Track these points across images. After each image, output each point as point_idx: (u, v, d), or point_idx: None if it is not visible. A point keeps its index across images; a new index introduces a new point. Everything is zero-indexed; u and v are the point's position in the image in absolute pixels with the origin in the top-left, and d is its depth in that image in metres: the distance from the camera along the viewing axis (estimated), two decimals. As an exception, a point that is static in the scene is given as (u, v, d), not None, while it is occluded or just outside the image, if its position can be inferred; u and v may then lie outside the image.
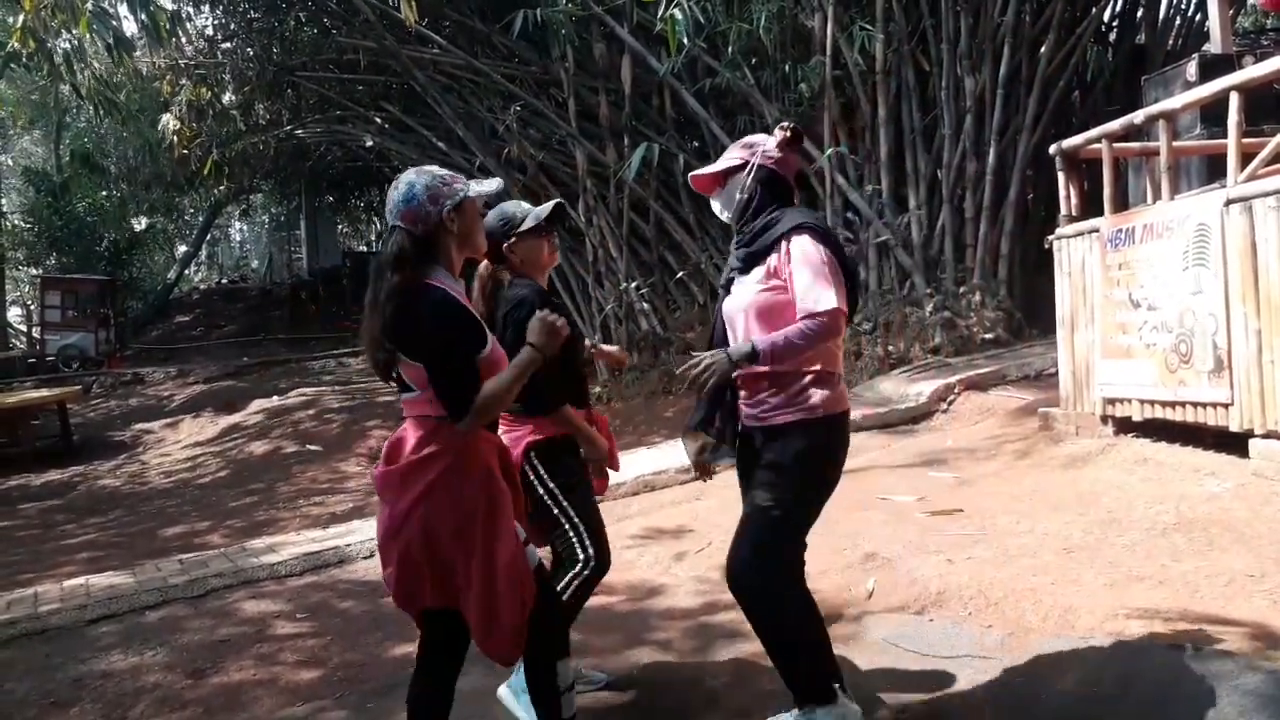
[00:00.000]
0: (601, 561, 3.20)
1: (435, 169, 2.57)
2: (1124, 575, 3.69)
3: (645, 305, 12.45)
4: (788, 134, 2.82)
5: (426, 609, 2.52)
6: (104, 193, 25.59)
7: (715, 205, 2.95)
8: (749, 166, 2.81)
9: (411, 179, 2.48)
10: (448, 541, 2.41)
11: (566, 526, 3.18)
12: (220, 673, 3.88)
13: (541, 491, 3.17)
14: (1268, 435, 4.68)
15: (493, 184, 2.65)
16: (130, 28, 13.33)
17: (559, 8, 10.75)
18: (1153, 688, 2.82)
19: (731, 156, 2.87)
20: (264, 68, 14.77)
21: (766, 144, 2.84)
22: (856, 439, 4.85)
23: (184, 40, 14.08)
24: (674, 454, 7.20)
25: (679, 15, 8.53)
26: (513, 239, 3.25)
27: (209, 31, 15.62)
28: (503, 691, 3.27)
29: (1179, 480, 4.88)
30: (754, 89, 10.72)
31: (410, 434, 2.47)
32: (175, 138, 14.68)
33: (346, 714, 3.42)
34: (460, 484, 2.42)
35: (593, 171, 12.56)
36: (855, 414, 5.04)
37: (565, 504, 3.18)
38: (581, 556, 3.16)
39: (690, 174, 3.05)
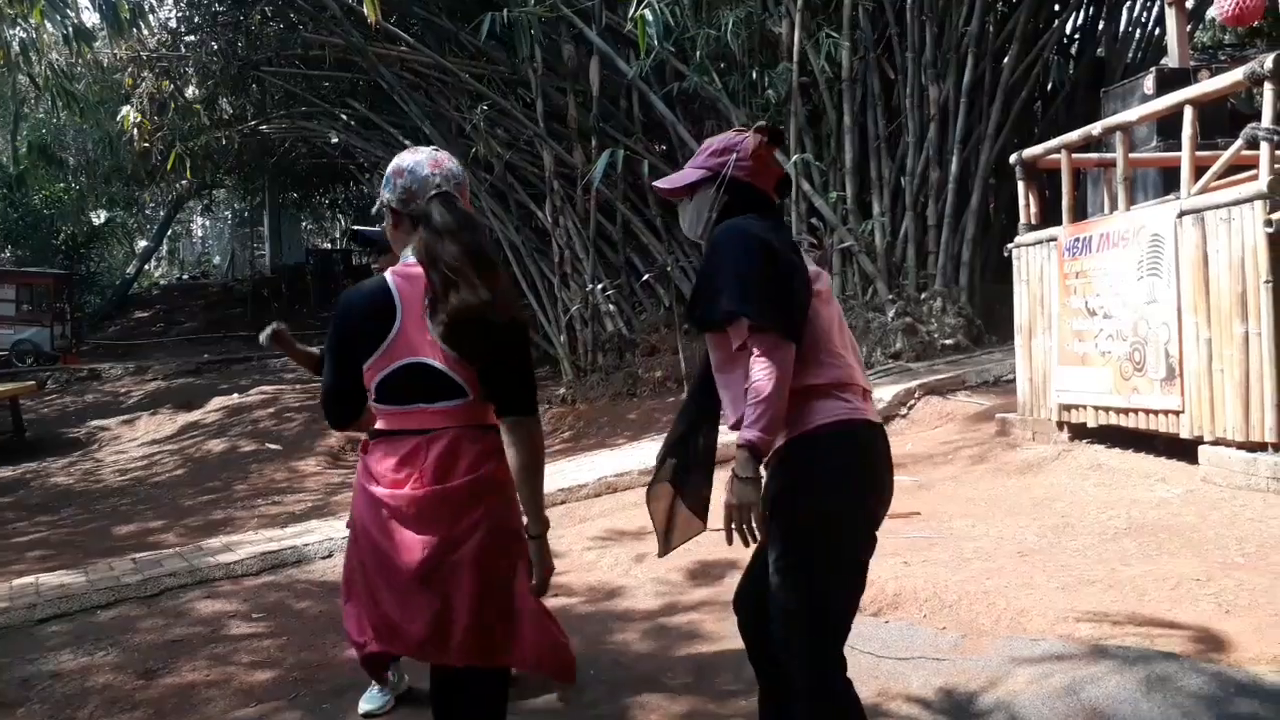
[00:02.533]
0: None
1: (426, 149, 2.41)
2: (1075, 579, 3.75)
3: (611, 307, 12.46)
4: (764, 137, 2.35)
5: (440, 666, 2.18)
6: (62, 185, 25.14)
7: (682, 220, 2.50)
8: (719, 179, 2.34)
9: (437, 155, 2.34)
10: (500, 568, 2.11)
11: None
12: (172, 673, 3.83)
13: None
14: (1216, 442, 4.79)
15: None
16: (91, 18, 13.13)
17: (527, 8, 10.73)
18: (1100, 689, 2.87)
19: (699, 165, 2.41)
20: (228, 62, 14.59)
21: (740, 148, 2.35)
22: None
23: (146, 32, 13.86)
24: (636, 455, 7.21)
25: (649, 16, 8.55)
26: None
27: (172, 24, 15.40)
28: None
29: (1131, 486, 4.97)
30: (721, 94, 10.77)
31: (464, 448, 2.09)
32: (136, 131, 14.43)
33: (300, 715, 3.39)
34: (512, 502, 2.15)
35: (560, 173, 12.55)
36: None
37: None
38: None
39: (654, 183, 2.66)
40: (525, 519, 2.14)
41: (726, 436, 2.22)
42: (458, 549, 2.06)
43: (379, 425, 2.17)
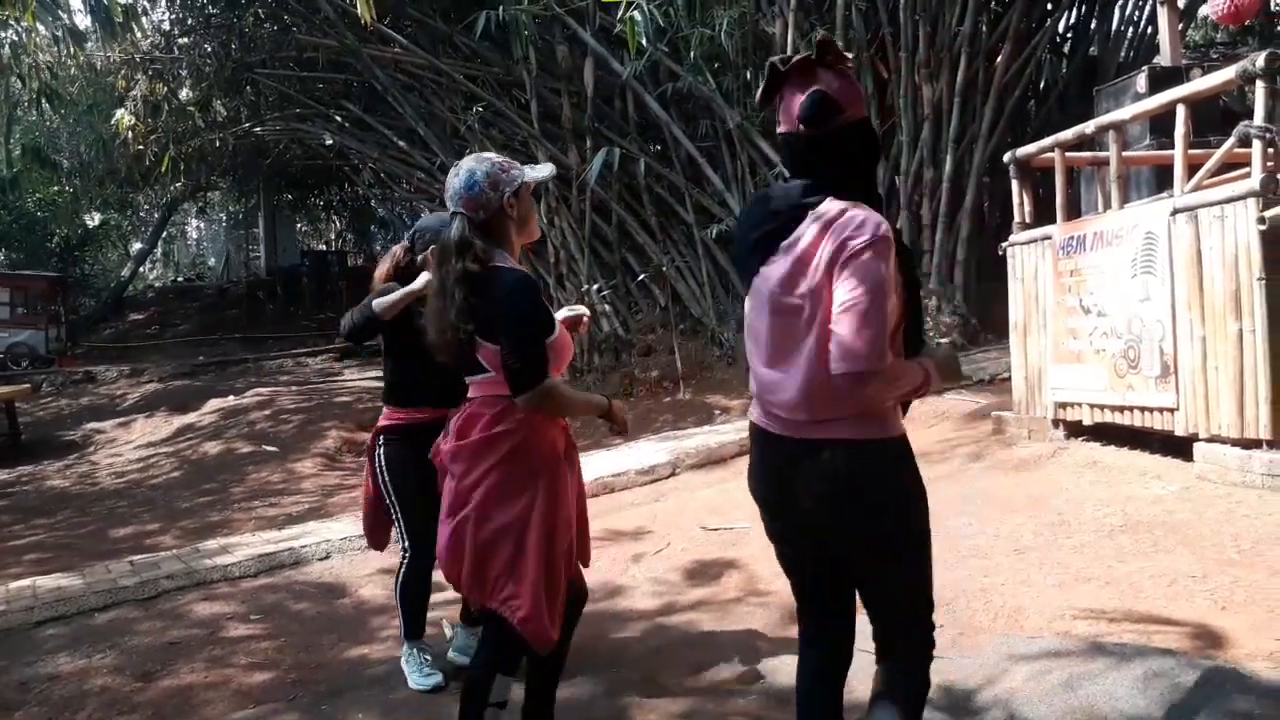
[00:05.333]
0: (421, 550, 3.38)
1: (492, 156, 2.62)
2: (1072, 576, 3.77)
3: (607, 307, 12.47)
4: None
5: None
6: (55, 188, 25.04)
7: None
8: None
9: (472, 166, 2.53)
10: (499, 522, 2.47)
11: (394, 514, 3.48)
12: (170, 675, 3.83)
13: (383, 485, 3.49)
14: (1211, 439, 4.80)
15: (546, 169, 2.72)
16: (84, 20, 13.09)
17: (521, 8, 10.73)
18: (1097, 686, 2.88)
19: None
20: (222, 64, 14.58)
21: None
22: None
23: (139, 34, 13.84)
24: (633, 456, 7.21)
25: (638, 17, 8.56)
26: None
27: (165, 26, 15.38)
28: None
29: (1126, 483, 4.99)
30: (715, 93, 10.77)
31: (483, 412, 2.52)
32: (130, 133, 14.42)
33: (299, 716, 3.39)
34: (526, 465, 2.49)
35: (555, 173, 12.54)
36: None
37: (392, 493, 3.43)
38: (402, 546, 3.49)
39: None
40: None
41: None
42: (470, 494, 2.48)
43: None
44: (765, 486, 2.20)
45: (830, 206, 2.01)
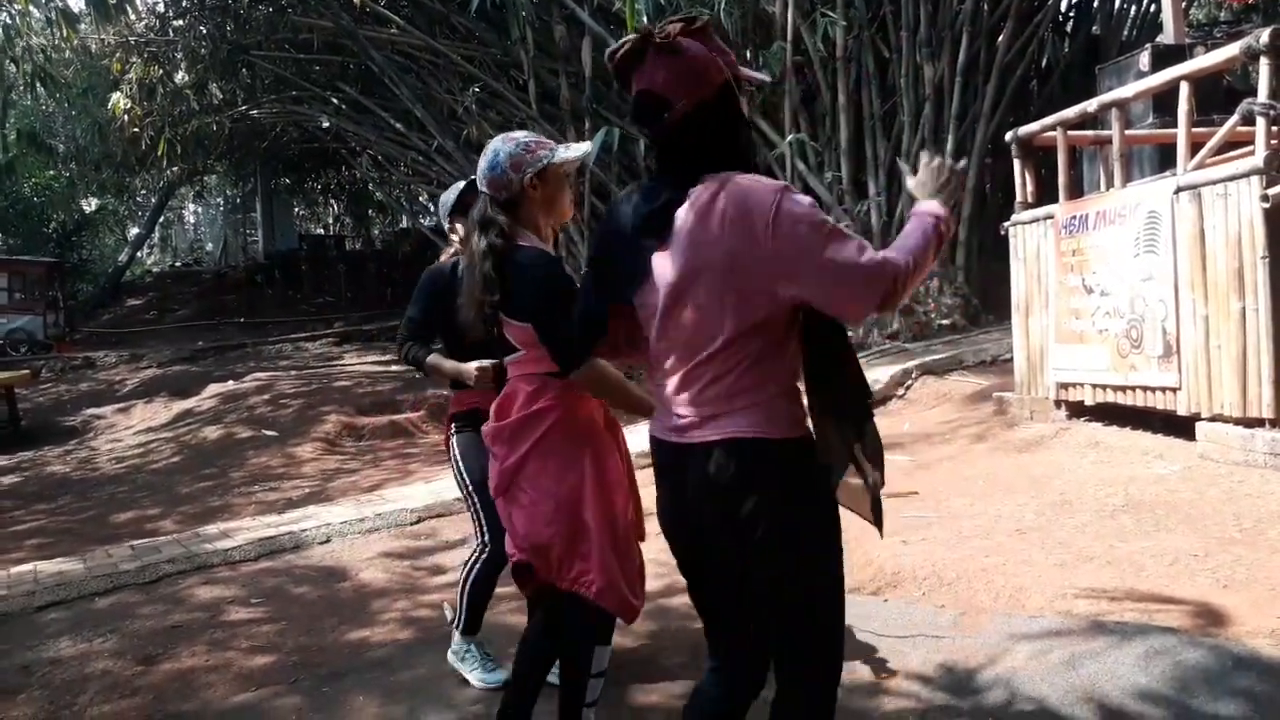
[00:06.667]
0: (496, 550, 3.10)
1: (522, 135, 2.57)
2: (1074, 555, 3.76)
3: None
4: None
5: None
6: (52, 173, 24.97)
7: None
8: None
9: (497, 146, 2.51)
10: (550, 501, 2.46)
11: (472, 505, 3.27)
12: (171, 659, 3.82)
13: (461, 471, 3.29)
14: (1214, 419, 4.79)
15: (579, 149, 2.66)
16: (77, 2, 12.99)
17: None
18: (1099, 664, 2.87)
19: None
20: (217, 46, 14.48)
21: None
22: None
23: (134, 17, 13.74)
24: (634, 440, 7.18)
25: (638, -6, 8.50)
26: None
27: (160, 8, 15.27)
28: (449, 656, 3.36)
29: (1128, 463, 4.98)
30: (715, 74, 10.69)
31: (518, 391, 2.52)
32: (125, 117, 14.35)
33: (300, 699, 3.38)
34: (569, 439, 2.48)
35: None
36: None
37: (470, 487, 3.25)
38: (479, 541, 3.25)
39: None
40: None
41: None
42: (517, 474, 2.49)
43: None
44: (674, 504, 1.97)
45: (699, 193, 1.75)
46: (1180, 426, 5.05)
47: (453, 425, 3.31)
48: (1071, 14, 13.03)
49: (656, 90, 1.79)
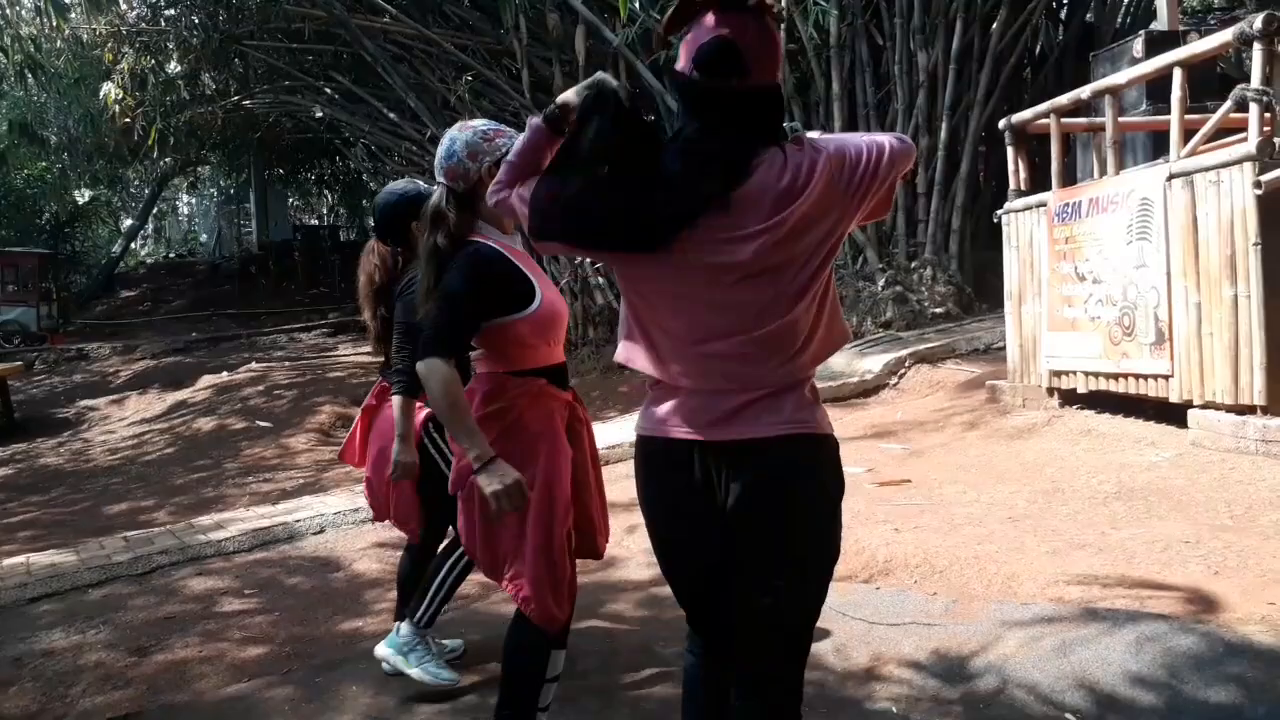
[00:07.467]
0: None
1: (480, 123, 2.54)
2: (1065, 543, 3.77)
3: (601, 280, 12.41)
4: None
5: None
6: (44, 164, 24.83)
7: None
8: None
9: (454, 134, 2.48)
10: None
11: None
12: (164, 650, 3.82)
13: (442, 465, 3.11)
14: (1205, 406, 4.80)
15: None
16: (68, -8, 12.89)
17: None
18: (1091, 650, 2.88)
19: None
20: (209, 36, 14.37)
21: None
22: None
23: (125, 6, 13.65)
24: (628, 429, 7.20)
25: (631, -16, 8.45)
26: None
27: (151, -2, 15.17)
28: (381, 650, 3.25)
29: (1120, 450, 4.99)
30: (709, 62, 10.65)
31: (475, 390, 2.46)
32: (117, 107, 14.25)
33: (293, 690, 3.38)
34: (521, 442, 2.41)
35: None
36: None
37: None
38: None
39: None
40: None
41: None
42: (470, 472, 2.36)
43: None
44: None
45: (797, 157, 1.74)
46: (1172, 414, 5.06)
47: (430, 424, 3.23)
48: (1065, 1, 13.00)
49: (740, 45, 1.73)
